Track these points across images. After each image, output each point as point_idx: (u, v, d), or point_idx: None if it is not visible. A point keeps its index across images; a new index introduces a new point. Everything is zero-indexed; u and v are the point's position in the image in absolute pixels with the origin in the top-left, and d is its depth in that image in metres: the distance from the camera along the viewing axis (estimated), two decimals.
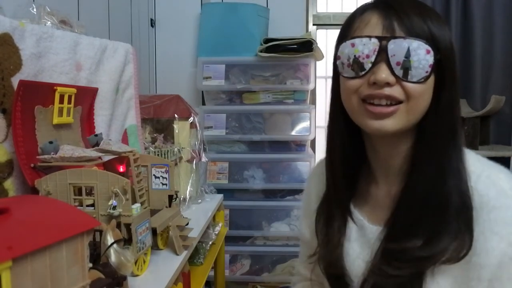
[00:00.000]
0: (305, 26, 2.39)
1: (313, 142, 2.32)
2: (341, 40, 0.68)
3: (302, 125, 2.10)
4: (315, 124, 2.13)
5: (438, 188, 0.64)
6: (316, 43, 2.02)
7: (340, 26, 0.71)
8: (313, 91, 2.29)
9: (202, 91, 2.24)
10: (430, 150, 0.65)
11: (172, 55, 2.43)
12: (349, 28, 0.68)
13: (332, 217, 0.76)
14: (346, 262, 0.74)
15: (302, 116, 2.10)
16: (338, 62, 0.67)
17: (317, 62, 2.16)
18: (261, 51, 2.03)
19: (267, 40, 2.05)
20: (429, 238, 0.63)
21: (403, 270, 0.64)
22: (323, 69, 2.48)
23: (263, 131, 2.13)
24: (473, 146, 2.09)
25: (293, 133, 2.11)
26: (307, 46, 2.00)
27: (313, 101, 2.35)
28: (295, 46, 2.01)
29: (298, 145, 2.15)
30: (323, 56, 2.10)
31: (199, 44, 2.19)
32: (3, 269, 0.39)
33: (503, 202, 0.62)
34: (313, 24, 2.40)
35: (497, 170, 0.67)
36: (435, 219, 0.64)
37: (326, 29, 2.46)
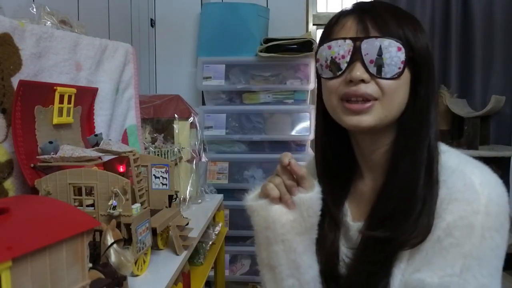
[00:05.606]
0: (305, 26, 2.39)
1: (313, 142, 2.32)
2: (320, 44, 0.72)
3: (302, 125, 2.10)
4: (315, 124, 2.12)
5: (411, 181, 0.66)
6: (316, 43, 2.02)
7: None
8: (313, 91, 2.28)
9: (202, 91, 2.23)
10: (407, 144, 0.68)
11: (172, 55, 2.43)
12: (327, 32, 0.72)
13: (323, 218, 0.76)
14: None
15: (302, 116, 2.10)
16: (317, 65, 0.71)
17: None
18: (261, 51, 2.03)
19: (267, 40, 2.05)
20: (397, 226, 0.65)
21: (373, 256, 0.67)
22: None
23: (263, 131, 2.13)
24: (473, 146, 2.08)
25: (293, 133, 2.11)
26: (307, 46, 2.00)
27: (313, 101, 2.34)
28: (295, 46, 2.01)
29: (298, 145, 2.15)
30: None
31: (199, 44, 2.19)
32: (3, 269, 0.39)
33: (467, 196, 0.62)
34: (313, 24, 2.40)
35: (474, 165, 0.67)
36: (405, 209, 0.66)
37: None
